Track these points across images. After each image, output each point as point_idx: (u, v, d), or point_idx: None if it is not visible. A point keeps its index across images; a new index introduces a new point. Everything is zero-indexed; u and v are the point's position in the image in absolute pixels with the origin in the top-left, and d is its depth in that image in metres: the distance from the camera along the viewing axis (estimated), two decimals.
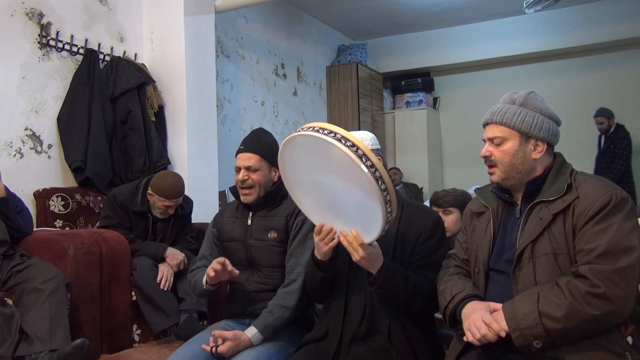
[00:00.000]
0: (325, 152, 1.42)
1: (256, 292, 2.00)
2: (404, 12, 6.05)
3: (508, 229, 1.53)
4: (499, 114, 1.51)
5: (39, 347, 2.13)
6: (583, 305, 1.29)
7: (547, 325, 1.30)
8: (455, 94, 7.17)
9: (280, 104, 5.59)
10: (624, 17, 5.79)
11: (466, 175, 6.80)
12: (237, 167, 2.01)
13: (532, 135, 1.48)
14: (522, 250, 1.44)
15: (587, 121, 6.20)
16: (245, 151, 2.00)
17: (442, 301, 1.57)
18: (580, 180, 1.44)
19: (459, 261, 1.66)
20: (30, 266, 2.35)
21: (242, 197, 2.01)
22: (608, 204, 1.35)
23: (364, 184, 1.39)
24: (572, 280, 1.33)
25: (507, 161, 1.49)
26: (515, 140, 1.49)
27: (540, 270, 1.41)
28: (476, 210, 1.64)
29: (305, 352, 1.74)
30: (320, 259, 1.69)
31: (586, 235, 1.35)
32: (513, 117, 1.48)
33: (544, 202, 1.44)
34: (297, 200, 1.67)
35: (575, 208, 1.39)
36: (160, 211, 2.92)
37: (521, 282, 1.43)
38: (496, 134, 1.51)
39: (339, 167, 1.44)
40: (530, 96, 1.52)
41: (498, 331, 1.34)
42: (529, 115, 1.48)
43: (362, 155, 1.36)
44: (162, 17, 3.87)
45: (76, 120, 3.29)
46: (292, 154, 1.54)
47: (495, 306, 1.42)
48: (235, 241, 2.05)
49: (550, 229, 1.41)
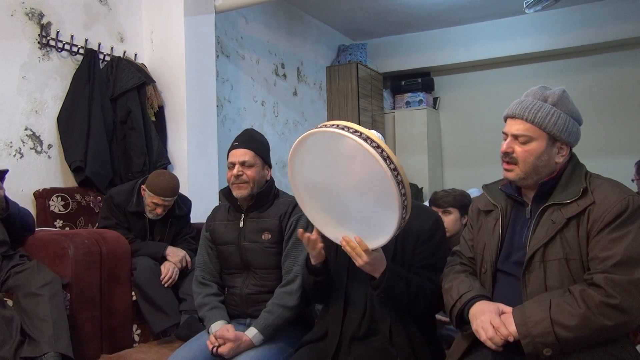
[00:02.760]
0: (345, 151, 1.38)
1: (253, 294, 1.99)
2: (404, 12, 6.05)
3: (517, 230, 1.49)
4: (531, 110, 1.41)
5: (45, 348, 2.12)
6: (597, 316, 1.26)
7: (559, 334, 1.27)
8: (455, 94, 7.16)
9: (280, 104, 5.58)
10: (624, 17, 5.78)
11: (466, 175, 6.80)
12: (230, 163, 1.99)
13: (560, 139, 1.42)
14: (533, 254, 1.40)
15: (586, 121, 6.18)
16: (240, 147, 1.99)
17: (448, 300, 1.53)
18: (596, 185, 1.39)
19: (465, 259, 1.62)
20: (28, 269, 2.33)
21: (236, 192, 1.98)
22: (625, 211, 1.31)
23: (384, 188, 1.35)
24: (586, 289, 1.30)
25: (531, 162, 1.42)
26: (542, 142, 1.41)
27: (551, 275, 1.37)
28: (484, 208, 1.59)
29: (305, 352, 1.74)
30: (313, 263, 1.69)
31: (601, 243, 1.31)
32: (546, 117, 1.40)
33: (557, 204, 1.40)
34: (302, 202, 1.63)
35: (591, 214, 1.34)
36: (150, 209, 2.87)
37: (530, 286, 1.40)
38: (523, 131, 1.42)
39: (357, 168, 1.40)
40: (565, 96, 1.44)
41: (506, 336, 1.31)
42: (561, 117, 1.41)
43: (386, 157, 1.32)
44: (162, 17, 3.87)
45: (76, 120, 3.29)
46: (306, 153, 1.49)
47: (504, 309, 1.38)
48: (229, 244, 2.03)
49: (562, 233, 1.37)
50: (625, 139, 6.14)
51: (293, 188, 1.62)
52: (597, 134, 6.10)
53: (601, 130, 6.16)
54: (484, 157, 6.54)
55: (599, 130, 6.14)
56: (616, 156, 6.08)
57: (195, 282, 2.11)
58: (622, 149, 6.13)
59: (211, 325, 1.93)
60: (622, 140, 6.16)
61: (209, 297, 2.03)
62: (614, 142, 6.18)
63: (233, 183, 1.98)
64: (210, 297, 2.03)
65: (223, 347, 1.81)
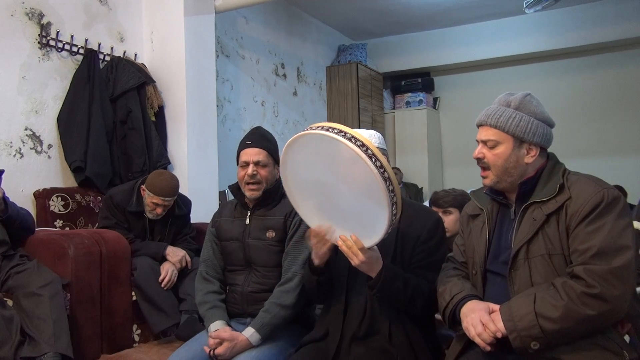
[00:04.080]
0: (333, 151, 1.40)
1: (254, 292, 1.99)
2: (404, 12, 6.05)
3: (503, 231, 1.54)
4: (494, 116, 1.49)
5: (45, 348, 2.13)
6: (579, 306, 1.29)
7: (544, 326, 1.30)
8: (455, 94, 7.16)
9: (280, 104, 5.59)
10: (624, 17, 5.78)
11: (466, 175, 6.79)
12: (244, 162, 1.97)
13: (526, 140, 1.47)
14: (517, 251, 1.44)
15: (586, 121, 6.21)
16: (254, 146, 1.98)
17: (441, 302, 1.57)
18: (572, 181, 1.44)
19: (458, 264, 1.67)
20: (28, 270, 2.34)
21: (249, 193, 1.97)
22: (600, 203, 1.35)
23: (372, 185, 1.37)
24: (567, 281, 1.34)
25: (500, 165, 1.49)
26: (508, 144, 1.48)
27: (536, 271, 1.41)
28: (471, 212, 1.65)
29: (305, 352, 1.74)
30: (317, 263, 1.69)
31: (580, 236, 1.35)
32: (508, 121, 1.47)
33: (537, 202, 1.44)
34: (295, 203, 1.65)
35: (568, 208, 1.39)
36: (149, 209, 2.88)
37: (517, 283, 1.44)
38: (490, 136, 1.50)
39: (345, 168, 1.42)
40: (526, 99, 1.50)
41: (494, 332, 1.35)
42: (523, 119, 1.47)
43: (371, 155, 1.34)
44: (162, 17, 3.87)
45: (76, 120, 3.29)
46: (296, 154, 1.52)
47: (494, 307, 1.42)
48: (233, 240, 2.04)
49: (544, 229, 1.41)
50: (625, 139, 6.14)
51: (286, 190, 1.64)
52: (597, 134, 6.10)
53: (601, 130, 6.16)
54: None
55: (598, 130, 6.15)
56: (616, 156, 6.09)
57: (198, 276, 2.11)
58: (622, 149, 6.13)
59: (210, 325, 1.93)
60: (622, 140, 6.16)
61: (210, 294, 2.03)
62: (613, 142, 6.18)
63: (247, 183, 1.96)
64: (211, 294, 2.03)
65: (219, 348, 1.81)
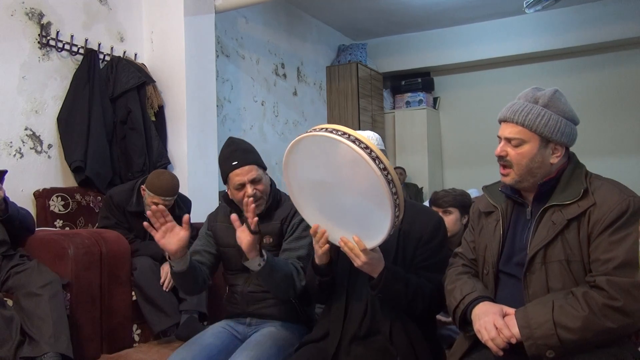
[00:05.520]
0: (336, 153, 1.39)
1: (254, 292, 1.99)
2: (404, 12, 6.05)
3: (518, 231, 1.48)
4: (521, 113, 1.41)
5: (45, 348, 2.13)
6: (600, 318, 1.25)
7: (562, 336, 1.26)
8: (455, 94, 7.16)
9: (280, 104, 5.58)
10: (624, 17, 5.78)
11: (466, 175, 6.80)
12: (239, 185, 1.91)
13: (553, 140, 1.40)
14: (534, 255, 1.39)
15: (586, 121, 6.17)
16: (242, 165, 1.91)
17: (451, 301, 1.52)
18: (596, 186, 1.38)
19: (467, 261, 1.62)
20: (28, 269, 2.34)
21: (258, 209, 1.89)
22: (626, 212, 1.30)
23: (375, 188, 1.36)
24: (589, 291, 1.29)
25: (524, 164, 1.41)
26: (534, 144, 1.40)
27: (553, 276, 1.36)
28: (484, 209, 1.58)
29: (305, 352, 1.74)
30: (318, 263, 1.69)
31: (603, 244, 1.30)
32: (536, 119, 1.39)
33: (557, 205, 1.39)
34: (298, 205, 1.64)
35: (592, 215, 1.33)
36: (150, 209, 2.87)
37: (532, 287, 1.39)
38: (515, 134, 1.42)
39: (348, 169, 1.41)
40: (556, 96, 1.42)
41: (509, 337, 1.31)
42: (552, 118, 1.39)
43: (375, 157, 1.33)
44: (162, 17, 3.87)
45: (76, 120, 3.29)
46: (299, 155, 1.51)
47: (508, 310, 1.38)
48: (231, 247, 2.02)
49: (563, 234, 1.36)
50: (626, 139, 6.14)
51: (289, 191, 1.63)
52: (597, 134, 6.10)
53: (601, 130, 6.16)
54: (484, 157, 6.54)
55: (599, 130, 6.15)
56: (617, 156, 6.09)
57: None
58: (623, 148, 6.13)
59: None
60: (623, 140, 6.16)
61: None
62: (614, 142, 6.18)
63: (251, 204, 1.77)
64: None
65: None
